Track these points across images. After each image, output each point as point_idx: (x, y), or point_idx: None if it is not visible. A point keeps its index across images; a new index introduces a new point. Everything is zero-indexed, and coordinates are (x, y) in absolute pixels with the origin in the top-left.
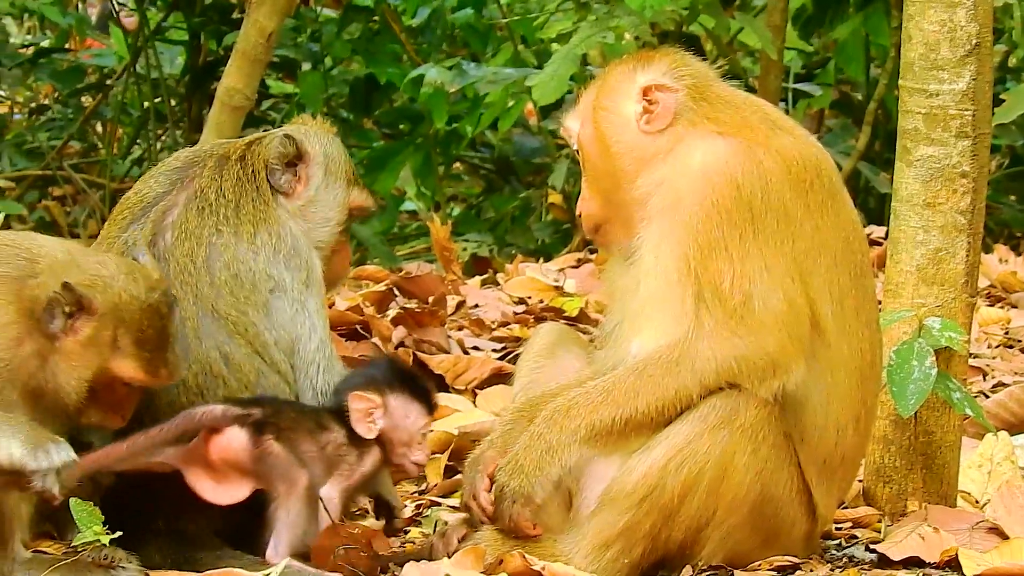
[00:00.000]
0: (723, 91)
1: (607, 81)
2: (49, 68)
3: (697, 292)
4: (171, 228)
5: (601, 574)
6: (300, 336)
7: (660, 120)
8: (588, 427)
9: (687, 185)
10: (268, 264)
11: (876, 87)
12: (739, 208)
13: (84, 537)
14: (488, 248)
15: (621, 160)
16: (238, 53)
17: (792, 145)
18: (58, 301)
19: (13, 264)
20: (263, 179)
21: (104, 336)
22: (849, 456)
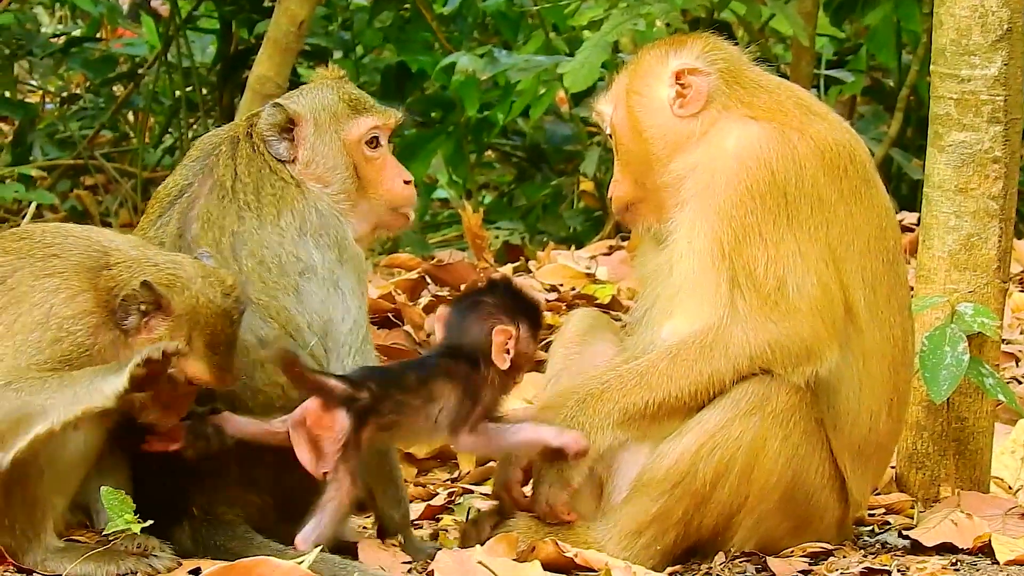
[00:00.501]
0: (757, 76)
1: (640, 65)
2: (81, 57)
3: (731, 277)
4: (196, 219)
5: (634, 561)
6: (333, 318)
7: (693, 104)
8: (621, 411)
9: (721, 169)
10: (295, 246)
11: (908, 73)
12: (773, 193)
13: (116, 526)
14: (520, 236)
15: (653, 144)
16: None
17: (826, 131)
18: (135, 298)
19: (87, 254)
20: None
21: (177, 336)
22: (882, 442)
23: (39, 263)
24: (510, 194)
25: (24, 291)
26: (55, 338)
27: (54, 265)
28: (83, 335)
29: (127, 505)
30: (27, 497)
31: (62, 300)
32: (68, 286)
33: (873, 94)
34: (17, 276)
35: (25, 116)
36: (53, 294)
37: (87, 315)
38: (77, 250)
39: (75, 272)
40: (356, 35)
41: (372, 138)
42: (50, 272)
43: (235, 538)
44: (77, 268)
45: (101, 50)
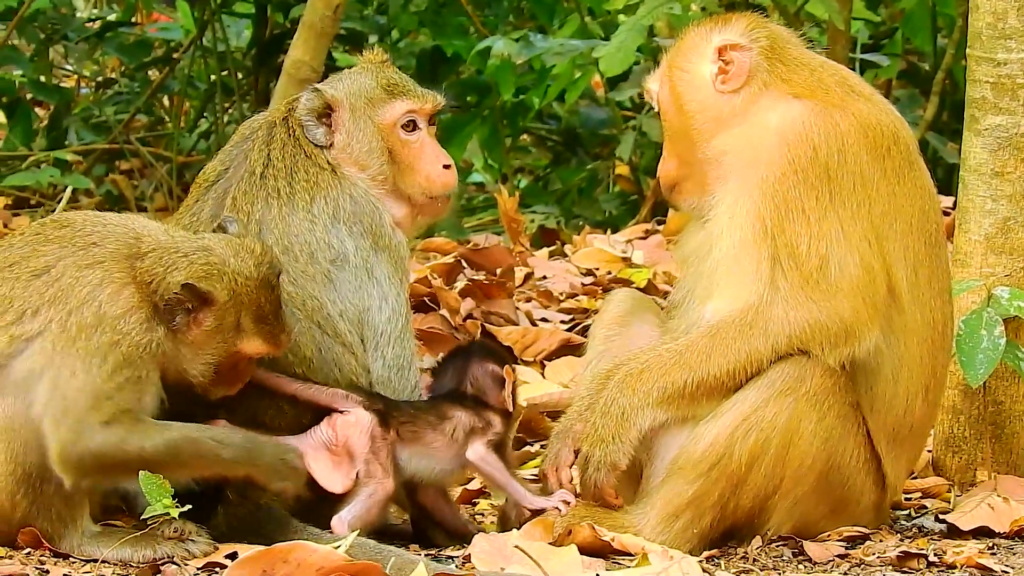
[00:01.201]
0: (801, 54)
1: (684, 42)
2: (116, 42)
3: (773, 254)
4: (228, 207)
5: (671, 544)
6: (369, 307)
7: (735, 79)
8: (660, 390)
9: (763, 146)
10: (327, 233)
11: (943, 57)
12: (815, 169)
13: (154, 510)
14: (555, 220)
15: (695, 119)
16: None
17: (870, 111)
18: (179, 300)
19: (122, 241)
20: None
21: (228, 322)
22: (918, 426)
23: (81, 251)
24: (546, 178)
25: (70, 282)
26: (112, 341)
27: (95, 254)
28: (137, 333)
29: (165, 490)
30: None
31: (108, 296)
32: (112, 279)
33: (908, 78)
34: (60, 266)
35: (61, 101)
36: (99, 288)
37: (135, 311)
38: (114, 237)
39: (115, 261)
40: (392, 19)
41: (408, 122)
42: (91, 262)
43: (271, 522)
44: (115, 256)
45: (136, 35)
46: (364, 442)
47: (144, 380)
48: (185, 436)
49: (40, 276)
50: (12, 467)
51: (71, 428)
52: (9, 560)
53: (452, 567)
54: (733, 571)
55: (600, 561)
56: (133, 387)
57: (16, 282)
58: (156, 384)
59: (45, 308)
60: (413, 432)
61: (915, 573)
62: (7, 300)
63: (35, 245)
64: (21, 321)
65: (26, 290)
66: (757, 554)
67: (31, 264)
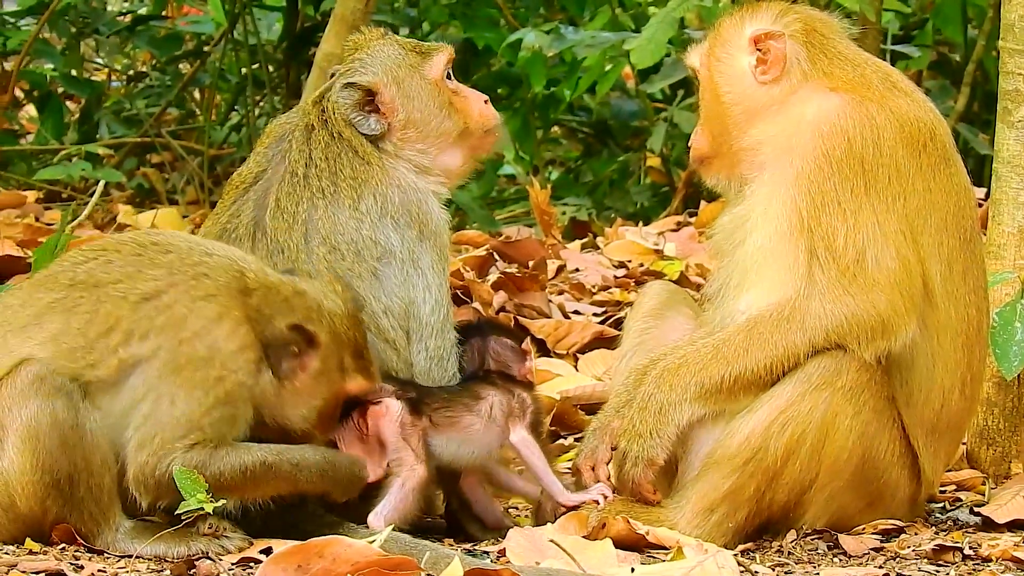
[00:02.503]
0: (845, 48)
1: (720, 32)
2: (147, 36)
3: (810, 247)
4: (268, 207)
5: (706, 538)
6: (415, 299)
7: (774, 68)
8: (698, 385)
9: (799, 138)
10: (374, 230)
11: (974, 48)
12: (850, 161)
13: (188, 505)
14: (587, 212)
15: (733, 109)
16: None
17: (908, 106)
18: (286, 344)
19: (230, 274)
20: (354, 136)
21: (332, 363)
22: (954, 420)
23: (192, 281)
24: (577, 170)
25: (183, 312)
26: (218, 376)
27: (207, 286)
28: (244, 373)
29: (199, 485)
30: (93, 485)
31: (225, 333)
32: (230, 316)
33: (939, 69)
34: (173, 293)
35: (92, 94)
36: (215, 323)
37: (247, 350)
38: (222, 269)
39: (228, 296)
40: (422, 12)
41: (448, 73)
42: (204, 294)
43: (306, 517)
44: (228, 290)
45: (167, 28)
46: (394, 431)
47: (237, 418)
48: (262, 461)
49: (150, 300)
50: (39, 475)
51: (154, 452)
52: (44, 556)
53: (487, 561)
54: (768, 564)
55: (635, 555)
56: (226, 422)
57: (123, 301)
58: (248, 422)
59: (155, 334)
60: (449, 417)
61: (950, 566)
62: (112, 318)
63: (139, 266)
64: (128, 344)
65: (135, 312)
66: (792, 547)
67: (139, 286)
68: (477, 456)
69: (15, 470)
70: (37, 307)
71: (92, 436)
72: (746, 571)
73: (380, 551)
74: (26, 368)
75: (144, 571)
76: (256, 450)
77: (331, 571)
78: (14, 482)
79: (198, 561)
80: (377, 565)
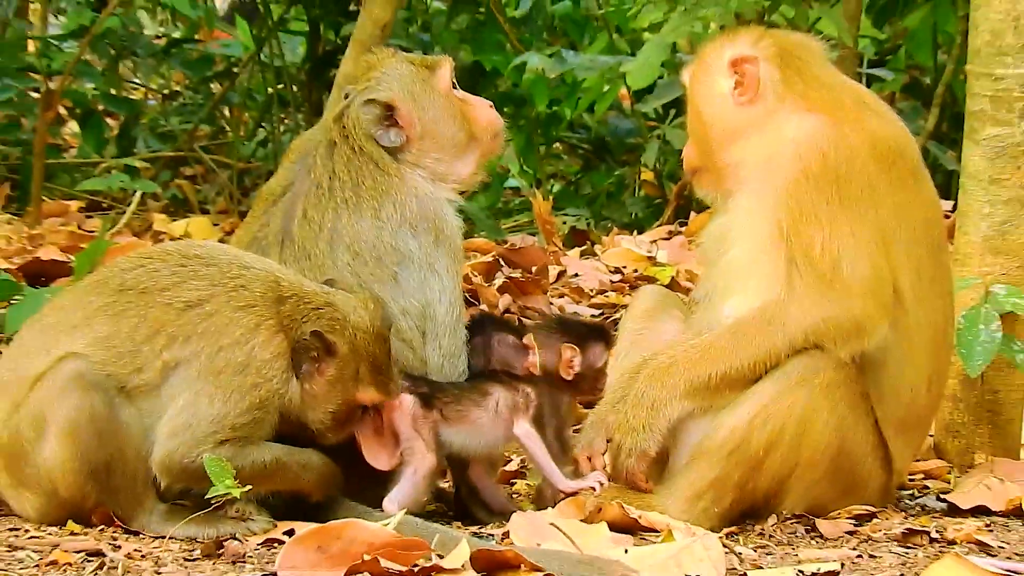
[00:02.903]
0: (817, 69)
1: (703, 56)
2: (180, 57)
3: (789, 256)
4: (296, 217)
5: (694, 522)
6: (431, 301)
7: (750, 90)
8: (687, 383)
9: (779, 156)
10: (394, 237)
11: (944, 72)
12: (826, 175)
13: (217, 491)
14: (586, 221)
15: (714, 130)
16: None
17: (879, 125)
18: (307, 347)
19: (267, 285)
20: (375, 149)
21: (347, 373)
22: (922, 415)
23: (233, 292)
24: (577, 183)
25: (224, 321)
26: (254, 383)
27: (246, 297)
28: (277, 381)
29: (227, 471)
30: (128, 472)
31: (262, 342)
32: (266, 326)
33: (911, 91)
34: (215, 303)
35: (130, 112)
36: (253, 332)
37: (280, 358)
38: (259, 281)
39: (265, 306)
40: (435, 36)
41: (453, 82)
42: (244, 304)
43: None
44: (265, 299)
45: (199, 51)
46: (407, 423)
47: (266, 421)
48: (278, 460)
49: (194, 308)
50: (79, 464)
51: (185, 442)
52: (84, 536)
53: (492, 543)
54: (751, 546)
55: (628, 537)
56: (255, 424)
57: (169, 308)
58: (274, 425)
59: (197, 339)
60: (459, 411)
61: (918, 548)
62: (159, 323)
63: (184, 276)
64: (171, 347)
65: (179, 318)
66: (773, 531)
67: (183, 295)
68: (483, 447)
69: (57, 460)
70: (87, 310)
71: (127, 428)
72: (731, 552)
73: (394, 533)
74: (66, 364)
75: (176, 551)
76: (274, 450)
77: (348, 551)
78: (56, 470)
79: (226, 542)
80: (391, 546)
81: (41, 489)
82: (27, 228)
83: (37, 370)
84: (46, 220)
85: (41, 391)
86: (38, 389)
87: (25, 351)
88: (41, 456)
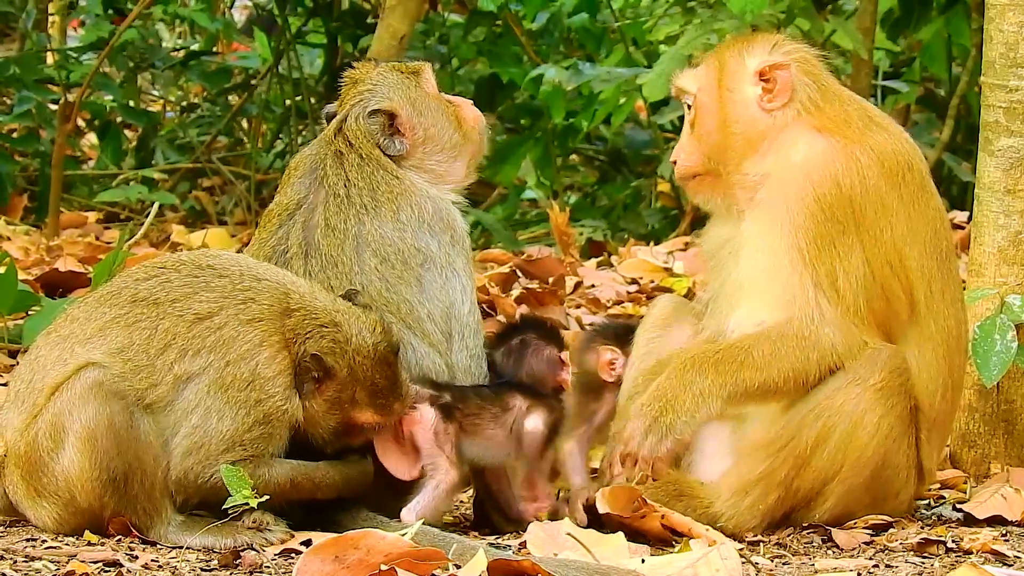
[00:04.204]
0: (832, 84)
1: (723, 64)
2: (199, 70)
3: (816, 281)
4: (317, 226)
5: (740, 519)
6: (454, 301)
7: (780, 96)
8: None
9: (790, 181)
10: (415, 238)
11: (958, 84)
12: (841, 203)
13: (234, 500)
14: (603, 233)
15: (737, 139)
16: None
17: (886, 141)
18: (308, 369)
19: (275, 297)
20: (381, 156)
21: (345, 395)
22: (939, 421)
23: (241, 305)
24: (593, 194)
25: (231, 335)
26: (258, 399)
27: (253, 311)
28: (280, 398)
29: (245, 482)
30: (146, 482)
31: (265, 360)
32: (270, 342)
33: (926, 103)
34: (223, 315)
35: (148, 124)
36: (258, 349)
37: (283, 375)
38: (268, 293)
39: (271, 320)
40: (452, 49)
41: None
42: (250, 318)
43: (344, 511)
44: (272, 312)
45: (217, 63)
46: (428, 438)
47: (274, 436)
48: (290, 477)
49: (203, 321)
50: (97, 472)
51: (199, 461)
52: (101, 547)
53: (509, 552)
54: (768, 556)
55: (645, 547)
56: (265, 440)
57: (180, 320)
58: (283, 440)
59: (206, 352)
60: (475, 425)
61: (934, 558)
62: (170, 335)
63: (196, 288)
64: (183, 360)
65: (190, 331)
66: (789, 541)
67: (194, 307)
68: (492, 460)
69: (76, 468)
70: (101, 321)
71: (145, 437)
72: (747, 562)
73: (411, 543)
74: (86, 373)
75: (194, 561)
76: (286, 467)
77: (365, 561)
78: (74, 479)
79: (243, 552)
80: (408, 556)
81: (59, 498)
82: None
83: (54, 381)
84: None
85: (60, 400)
86: (57, 398)
87: (41, 363)
88: (60, 465)
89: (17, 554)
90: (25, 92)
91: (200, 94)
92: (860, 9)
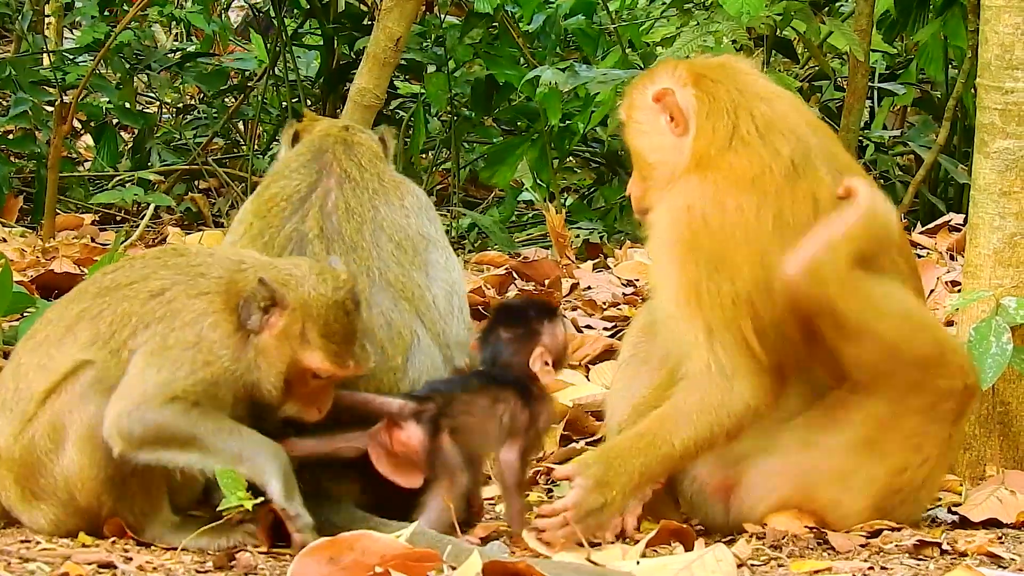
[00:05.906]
0: (729, 97)
1: (631, 100)
2: (195, 71)
3: (707, 327)
4: (334, 211)
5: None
6: (455, 280)
7: (679, 123)
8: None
9: (668, 213)
10: (420, 223)
11: (954, 86)
12: (709, 242)
13: (229, 502)
14: (599, 234)
15: (659, 170)
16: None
17: (747, 159)
18: (254, 296)
19: (226, 269)
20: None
21: (294, 329)
22: None
23: (190, 280)
24: (590, 196)
25: (179, 307)
26: (205, 361)
27: (201, 285)
28: (228, 360)
29: (239, 483)
30: (143, 482)
31: (210, 324)
32: (215, 309)
33: (922, 105)
34: (174, 290)
35: (144, 125)
36: (202, 316)
37: (229, 337)
38: (220, 267)
39: (217, 293)
40: (448, 50)
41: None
42: (198, 292)
43: (340, 512)
44: (220, 283)
45: (214, 65)
46: (422, 456)
47: (219, 396)
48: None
49: (156, 297)
50: (96, 471)
51: (133, 400)
52: (96, 548)
53: (504, 555)
54: (762, 559)
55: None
56: (208, 395)
57: (135, 300)
58: (228, 403)
59: (155, 324)
60: (467, 424)
61: (930, 560)
62: (127, 316)
63: (154, 268)
64: (135, 336)
65: (143, 307)
66: (784, 543)
67: (149, 286)
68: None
69: (75, 467)
70: (68, 320)
71: None
72: (742, 565)
73: (405, 545)
74: (84, 372)
75: (188, 563)
76: (224, 419)
77: (361, 563)
78: (74, 478)
79: (238, 553)
80: (403, 558)
81: (57, 499)
82: (41, 241)
83: (44, 386)
84: (60, 233)
85: (59, 401)
86: (55, 400)
87: (23, 369)
88: (59, 465)
89: (11, 556)
90: (21, 94)
91: (196, 96)
92: (857, 11)
